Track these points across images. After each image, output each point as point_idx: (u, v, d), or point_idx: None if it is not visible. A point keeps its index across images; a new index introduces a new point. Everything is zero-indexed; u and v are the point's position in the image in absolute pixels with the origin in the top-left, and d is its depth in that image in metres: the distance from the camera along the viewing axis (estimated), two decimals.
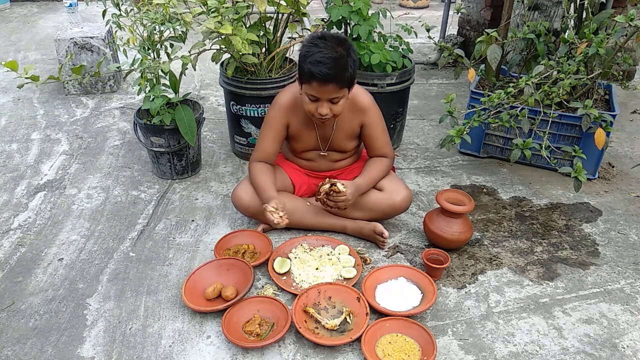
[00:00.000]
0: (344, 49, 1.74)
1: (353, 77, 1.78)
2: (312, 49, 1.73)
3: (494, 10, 3.70)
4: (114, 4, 2.26)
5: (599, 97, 2.56)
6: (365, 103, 1.96)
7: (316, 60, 1.70)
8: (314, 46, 1.74)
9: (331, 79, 1.72)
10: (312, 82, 1.75)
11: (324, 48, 1.72)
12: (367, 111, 1.96)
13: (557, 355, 1.57)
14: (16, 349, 1.57)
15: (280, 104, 1.97)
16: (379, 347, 1.55)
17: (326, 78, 1.71)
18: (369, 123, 1.99)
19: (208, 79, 3.68)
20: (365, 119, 1.98)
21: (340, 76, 1.73)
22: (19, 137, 2.82)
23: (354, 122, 1.98)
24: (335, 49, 1.72)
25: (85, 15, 4.67)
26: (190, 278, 1.76)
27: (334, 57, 1.70)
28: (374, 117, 1.99)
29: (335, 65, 1.70)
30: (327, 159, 2.09)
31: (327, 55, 1.70)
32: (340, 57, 1.71)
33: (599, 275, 1.89)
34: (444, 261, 1.84)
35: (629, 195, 2.37)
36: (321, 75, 1.71)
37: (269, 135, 2.00)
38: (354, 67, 1.76)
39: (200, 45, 2.21)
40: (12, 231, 2.08)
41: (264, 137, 2.01)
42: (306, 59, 1.74)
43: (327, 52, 1.70)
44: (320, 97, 1.78)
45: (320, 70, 1.70)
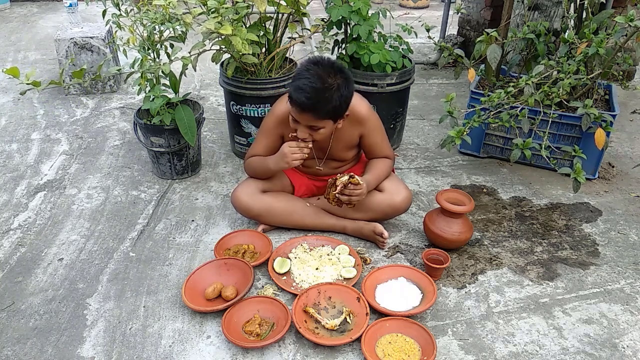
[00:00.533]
0: (335, 80, 1.68)
1: (338, 110, 1.72)
2: (302, 73, 1.69)
3: (494, 10, 3.70)
4: (114, 4, 2.26)
5: (599, 97, 2.56)
6: (363, 114, 1.90)
7: (298, 87, 1.67)
8: (304, 70, 1.69)
9: (307, 109, 1.69)
10: (292, 106, 1.73)
11: (312, 76, 1.66)
12: (366, 122, 1.92)
13: (557, 355, 1.57)
14: (16, 349, 1.57)
15: (277, 114, 1.93)
16: (379, 347, 1.55)
17: (302, 107, 1.68)
18: (368, 133, 1.96)
19: (208, 79, 3.68)
20: (364, 130, 1.94)
21: (318, 108, 1.68)
22: (19, 137, 2.82)
23: (353, 133, 1.95)
24: (323, 79, 1.66)
25: (85, 15, 4.67)
26: (190, 278, 1.76)
27: (318, 87, 1.65)
28: (372, 126, 1.95)
29: (316, 96, 1.65)
30: (326, 166, 2.07)
31: (311, 85, 1.65)
32: (325, 89, 1.65)
33: (599, 275, 1.89)
34: (444, 261, 1.84)
35: (629, 195, 2.37)
36: (297, 103, 1.68)
37: (263, 142, 1.99)
38: (341, 101, 1.70)
39: (200, 45, 2.21)
40: (12, 231, 2.08)
41: (258, 142, 2.01)
42: (294, 81, 1.71)
43: (312, 81, 1.65)
44: (300, 121, 1.76)
45: (298, 96, 1.67)
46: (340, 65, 1.75)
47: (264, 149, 1.99)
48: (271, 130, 1.96)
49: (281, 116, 1.91)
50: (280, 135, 1.97)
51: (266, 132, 1.98)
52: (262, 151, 1.99)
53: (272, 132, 1.97)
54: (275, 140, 1.98)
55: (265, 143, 1.99)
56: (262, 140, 1.99)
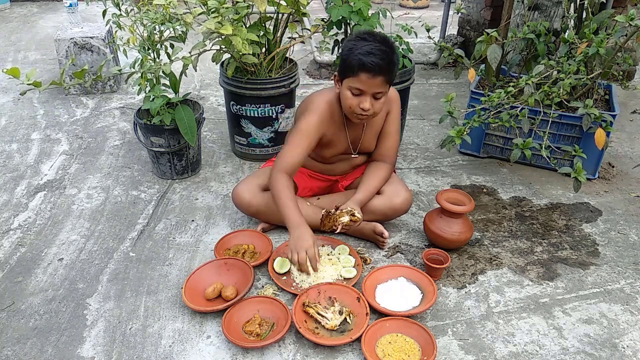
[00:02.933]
0: (390, 46, 1.75)
1: (396, 74, 1.80)
2: (360, 43, 1.72)
3: (494, 10, 3.70)
4: (114, 4, 2.27)
5: (599, 97, 2.56)
6: (393, 94, 1.97)
7: (367, 52, 1.69)
8: (362, 40, 1.73)
9: (381, 71, 1.71)
10: (361, 74, 1.71)
11: (373, 42, 1.72)
12: (393, 102, 1.98)
13: (557, 355, 1.57)
14: (16, 349, 1.57)
15: (320, 112, 1.86)
16: (379, 347, 1.55)
17: (377, 68, 1.70)
18: (390, 117, 1.99)
19: (208, 79, 3.68)
20: (390, 109, 1.98)
21: (389, 69, 1.73)
22: (19, 137, 2.82)
23: (383, 115, 1.97)
24: (383, 44, 1.73)
25: (85, 15, 4.67)
26: (190, 278, 1.76)
27: (385, 50, 1.71)
28: (395, 110, 2.00)
29: (386, 57, 1.71)
30: (350, 163, 2.08)
31: (378, 48, 1.70)
32: (390, 52, 1.73)
33: (599, 275, 1.89)
34: (444, 261, 1.84)
35: (629, 195, 2.37)
36: (373, 65, 1.69)
37: (303, 145, 1.85)
38: (398, 64, 1.78)
39: (200, 45, 2.21)
40: (12, 231, 2.08)
41: (296, 145, 1.86)
42: (354, 51, 1.71)
43: (377, 45, 1.71)
44: (366, 90, 1.74)
45: (372, 60, 1.68)
46: (385, 35, 1.80)
47: (304, 150, 1.86)
48: (315, 129, 1.86)
49: (324, 114, 1.88)
50: (321, 134, 1.89)
51: (307, 133, 1.85)
52: (303, 155, 1.86)
53: (315, 131, 1.86)
54: (316, 140, 1.89)
55: (305, 144, 1.86)
56: (301, 142, 1.85)
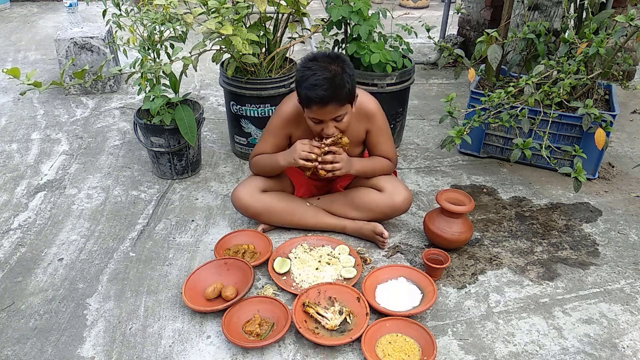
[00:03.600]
0: (337, 66, 1.71)
1: (352, 92, 1.76)
2: (306, 73, 1.70)
3: (494, 10, 3.70)
4: (114, 4, 2.26)
5: (599, 97, 2.55)
6: (371, 109, 1.93)
7: (311, 84, 1.68)
8: (307, 70, 1.71)
9: (329, 100, 1.70)
10: (312, 106, 1.73)
11: (317, 70, 1.69)
12: (373, 117, 1.94)
13: (557, 355, 1.57)
14: (16, 349, 1.57)
15: (283, 115, 1.94)
16: (379, 347, 1.55)
17: (324, 100, 1.69)
18: (374, 129, 1.97)
19: (208, 79, 3.68)
20: (370, 126, 1.96)
21: (337, 95, 1.70)
22: (19, 137, 2.82)
23: (360, 129, 1.96)
24: (328, 69, 1.69)
25: (85, 15, 4.67)
26: (190, 278, 1.76)
27: (328, 77, 1.68)
28: (379, 123, 1.96)
29: (331, 85, 1.68)
30: None
31: (321, 77, 1.67)
32: (335, 76, 1.69)
33: (599, 275, 1.89)
34: (444, 261, 1.84)
35: (629, 195, 2.37)
36: (318, 99, 1.69)
37: (270, 141, 1.99)
38: (351, 82, 1.73)
39: (201, 45, 2.21)
40: (12, 231, 2.08)
41: (264, 141, 2.00)
42: (301, 84, 1.71)
43: (320, 74, 1.68)
44: (323, 119, 1.77)
45: (316, 93, 1.68)
46: (333, 53, 1.81)
47: (271, 147, 1.99)
48: (278, 130, 1.97)
49: (288, 116, 1.93)
50: (287, 135, 1.98)
51: (273, 131, 1.98)
52: (270, 150, 1.99)
53: (279, 132, 1.97)
54: (282, 140, 1.98)
55: (272, 142, 1.98)
56: (269, 139, 1.99)
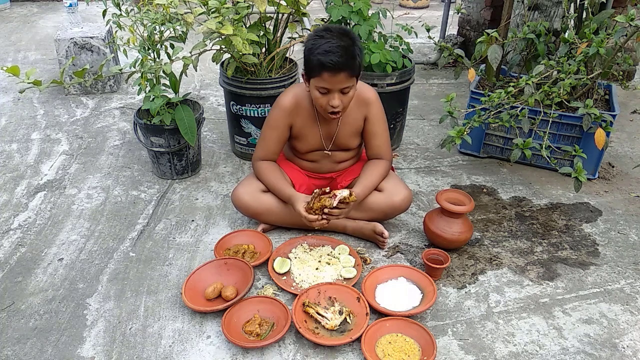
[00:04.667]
0: (349, 38, 1.75)
1: (361, 65, 1.79)
2: (319, 41, 1.73)
3: (494, 10, 3.70)
4: (114, 4, 2.26)
5: (599, 97, 2.55)
6: (369, 96, 1.97)
7: (325, 50, 1.70)
8: (320, 38, 1.74)
9: (342, 67, 1.72)
10: (323, 73, 1.74)
11: (330, 38, 1.72)
12: (371, 105, 1.97)
13: (557, 355, 1.57)
14: (16, 349, 1.57)
15: (283, 105, 1.95)
16: (379, 347, 1.55)
17: (337, 66, 1.71)
18: (372, 117, 1.98)
19: (208, 79, 3.68)
20: (368, 113, 1.98)
21: (350, 64, 1.73)
22: (19, 137, 2.82)
23: (358, 116, 1.98)
24: (341, 39, 1.73)
25: (85, 15, 4.67)
26: (190, 278, 1.76)
27: (342, 45, 1.71)
28: (377, 112, 1.99)
29: (345, 53, 1.70)
30: (331, 159, 2.07)
31: (336, 44, 1.70)
32: (348, 46, 1.72)
33: (599, 275, 1.89)
34: (444, 261, 1.84)
35: (629, 195, 2.37)
36: (332, 64, 1.70)
37: (272, 136, 1.99)
38: (361, 56, 1.77)
39: (201, 45, 2.21)
40: (12, 231, 2.08)
41: (267, 137, 2.00)
42: (314, 51, 1.73)
43: (334, 42, 1.71)
44: (331, 88, 1.77)
45: (330, 59, 1.69)
46: (344, 27, 1.84)
47: (274, 142, 1.99)
48: (279, 122, 1.96)
49: (288, 106, 1.95)
50: (288, 125, 1.98)
51: (274, 124, 1.98)
52: (273, 145, 2.00)
53: (280, 124, 1.97)
54: (285, 131, 1.99)
55: (275, 136, 1.99)
56: (271, 134, 1.99)
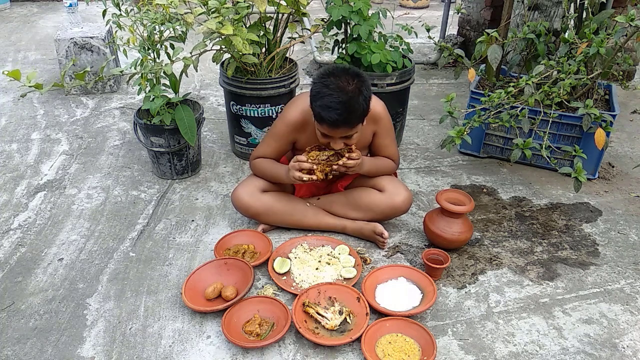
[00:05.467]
0: (355, 86, 1.68)
1: (366, 112, 1.74)
2: (322, 90, 1.68)
3: (494, 10, 3.70)
4: (114, 4, 2.26)
5: (599, 97, 2.56)
6: (378, 112, 1.92)
7: (325, 105, 1.66)
8: (324, 87, 1.68)
9: (341, 124, 1.69)
10: (323, 124, 1.72)
11: (333, 90, 1.66)
12: (380, 121, 1.94)
13: (557, 355, 1.57)
14: (16, 349, 1.57)
15: (289, 121, 1.92)
16: (379, 347, 1.55)
17: (336, 124, 1.69)
18: (381, 132, 1.97)
19: (208, 79, 3.68)
20: (377, 129, 1.96)
21: (351, 119, 1.69)
22: (19, 137, 2.82)
23: (367, 132, 1.95)
24: (345, 90, 1.66)
25: (85, 15, 4.67)
26: (190, 278, 1.76)
27: (344, 100, 1.65)
28: (385, 126, 1.97)
29: (346, 110, 1.66)
30: None
31: (337, 100, 1.65)
32: (350, 99, 1.66)
33: (599, 275, 1.89)
34: (444, 261, 1.84)
35: (629, 195, 2.37)
36: (331, 121, 1.68)
37: (273, 146, 1.98)
38: (366, 104, 1.71)
39: (201, 46, 2.21)
40: (12, 231, 2.08)
41: (267, 145, 1.99)
42: (316, 100, 1.69)
43: (336, 96, 1.65)
44: (333, 136, 1.76)
45: (329, 116, 1.66)
46: (352, 69, 1.75)
47: (272, 152, 1.99)
48: (282, 136, 1.96)
49: (293, 123, 1.92)
50: (291, 141, 1.98)
51: (277, 136, 1.97)
52: (272, 155, 2.00)
53: (283, 138, 1.96)
54: (286, 145, 1.99)
55: (275, 147, 1.98)
56: (271, 143, 1.98)
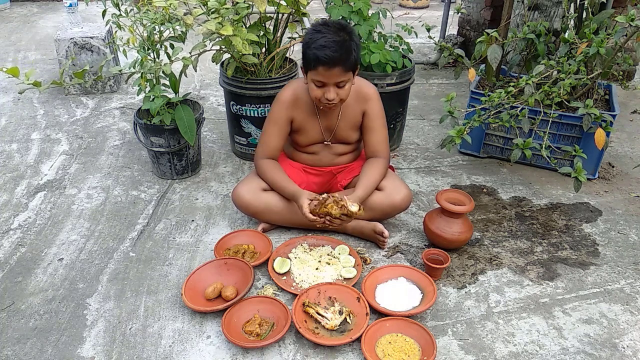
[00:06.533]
0: (346, 33, 1.78)
1: (357, 60, 1.82)
2: (316, 35, 1.77)
3: (494, 10, 3.70)
4: (114, 4, 2.26)
5: (599, 97, 2.55)
6: (369, 91, 2.00)
7: (321, 45, 1.74)
8: (317, 32, 1.78)
9: (337, 62, 1.75)
10: (318, 67, 1.77)
11: (327, 33, 1.76)
12: (370, 100, 2.00)
13: (557, 355, 1.57)
14: (16, 349, 1.57)
15: (283, 99, 1.98)
16: (379, 347, 1.55)
17: (332, 61, 1.74)
18: (370, 113, 2.01)
19: (208, 79, 3.68)
20: (367, 108, 2.00)
21: (345, 59, 1.76)
22: (19, 137, 2.82)
23: (357, 110, 2.01)
24: (338, 34, 1.76)
25: (85, 15, 4.67)
26: (190, 278, 1.76)
27: (338, 40, 1.74)
28: (376, 107, 2.01)
29: (340, 48, 1.74)
30: (331, 151, 2.10)
31: (331, 40, 1.74)
32: (344, 41, 1.75)
33: (599, 275, 1.89)
34: (444, 261, 1.84)
35: (629, 195, 2.37)
36: (327, 59, 1.73)
37: (274, 131, 2.01)
38: (357, 51, 1.80)
39: (201, 46, 2.21)
40: (12, 231, 2.08)
41: (268, 133, 2.02)
42: (310, 45, 1.77)
43: (330, 37, 1.74)
44: (327, 81, 1.80)
45: (325, 53, 1.73)
46: (342, 21, 1.86)
47: (276, 138, 2.02)
48: (281, 115, 1.99)
49: (287, 100, 1.98)
50: (289, 119, 2.01)
51: (275, 119, 2.00)
52: (275, 139, 2.02)
53: (281, 118, 1.99)
54: (285, 126, 2.01)
55: (277, 131, 2.01)
56: (273, 130, 2.01)
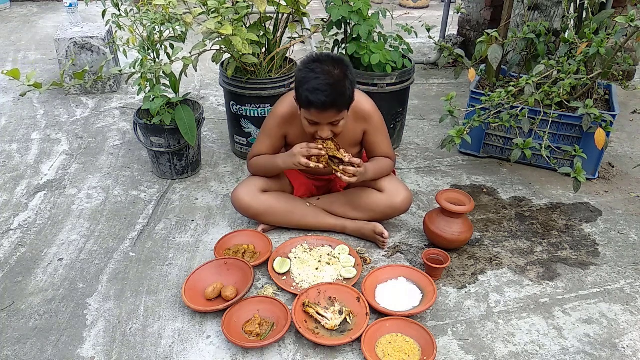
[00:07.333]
0: (340, 71, 1.70)
1: (351, 97, 1.76)
2: (309, 75, 1.69)
3: (494, 10, 3.69)
4: (114, 4, 2.26)
5: (599, 97, 2.55)
6: (367, 110, 1.93)
7: (313, 88, 1.67)
8: (310, 71, 1.70)
9: (329, 106, 1.70)
10: (311, 109, 1.73)
11: (320, 74, 1.68)
12: (370, 118, 1.94)
13: (557, 355, 1.57)
14: (16, 349, 1.57)
15: (278, 115, 1.95)
16: (379, 347, 1.55)
17: (324, 106, 1.69)
18: (372, 130, 1.96)
19: (208, 79, 3.68)
20: (367, 127, 1.96)
21: (338, 102, 1.71)
22: (19, 137, 2.82)
23: (357, 130, 1.96)
24: (331, 74, 1.69)
25: (85, 15, 4.67)
26: (190, 278, 1.76)
27: (331, 83, 1.67)
28: (376, 124, 1.96)
29: (333, 92, 1.67)
30: None
31: (324, 82, 1.67)
32: (337, 82, 1.68)
33: (599, 275, 1.89)
34: (444, 261, 1.84)
35: (629, 195, 2.37)
36: (319, 104, 1.68)
37: (265, 142, 2.00)
38: (351, 88, 1.74)
39: (201, 46, 2.21)
40: (12, 231, 2.08)
41: (260, 143, 2.01)
42: (303, 85, 1.70)
43: (323, 78, 1.67)
44: (320, 122, 1.77)
45: (318, 98, 1.67)
46: (336, 56, 1.78)
47: (267, 149, 2.00)
48: (274, 131, 1.97)
49: (283, 116, 1.94)
50: (283, 135, 1.98)
51: (269, 132, 1.99)
52: (266, 151, 2.00)
53: (275, 133, 1.98)
54: (279, 140, 2.00)
55: (268, 143, 2.00)
56: (265, 140, 2.00)
